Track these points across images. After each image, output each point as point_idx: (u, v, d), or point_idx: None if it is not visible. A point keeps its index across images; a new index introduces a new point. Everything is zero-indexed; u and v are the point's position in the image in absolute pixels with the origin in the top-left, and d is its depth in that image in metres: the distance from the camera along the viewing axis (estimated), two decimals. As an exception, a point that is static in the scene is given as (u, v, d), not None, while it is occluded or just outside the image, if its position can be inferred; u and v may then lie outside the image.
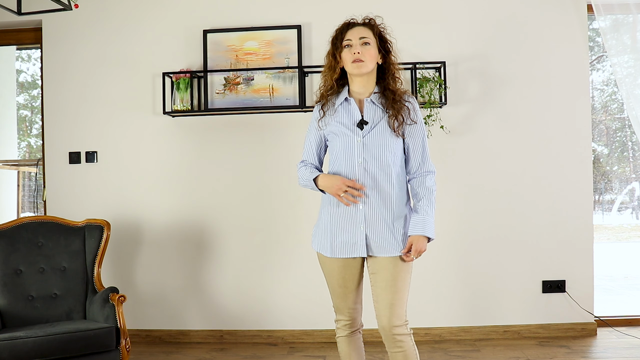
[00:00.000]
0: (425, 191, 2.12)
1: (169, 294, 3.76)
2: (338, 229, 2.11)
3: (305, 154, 2.26)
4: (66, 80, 3.81)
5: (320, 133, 2.20)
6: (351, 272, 2.14)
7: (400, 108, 2.08)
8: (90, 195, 3.78)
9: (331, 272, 2.16)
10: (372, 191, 2.07)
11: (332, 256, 2.13)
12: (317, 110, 2.20)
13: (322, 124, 2.17)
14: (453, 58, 3.62)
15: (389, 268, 2.07)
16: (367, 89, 2.13)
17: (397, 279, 2.07)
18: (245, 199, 3.72)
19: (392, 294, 2.06)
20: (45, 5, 3.00)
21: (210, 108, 3.65)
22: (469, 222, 3.64)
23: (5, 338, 2.57)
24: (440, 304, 3.64)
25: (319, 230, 2.19)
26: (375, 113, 2.10)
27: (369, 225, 2.08)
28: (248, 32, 3.69)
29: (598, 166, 7.49)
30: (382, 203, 2.07)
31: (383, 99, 2.11)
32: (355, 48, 2.06)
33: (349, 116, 2.11)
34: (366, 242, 2.09)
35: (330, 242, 2.13)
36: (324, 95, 2.18)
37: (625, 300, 5.21)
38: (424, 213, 2.08)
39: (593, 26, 4.45)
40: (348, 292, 2.17)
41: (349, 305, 2.18)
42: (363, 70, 2.07)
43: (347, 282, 2.15)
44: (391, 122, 2.07)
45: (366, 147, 2.07)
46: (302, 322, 3.69)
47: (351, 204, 2.06)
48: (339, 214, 2.11)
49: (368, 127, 2.08)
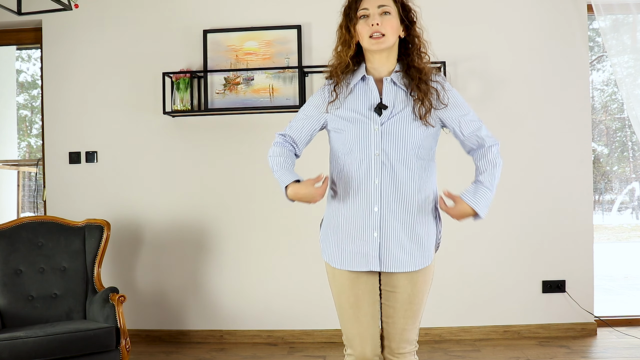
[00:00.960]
0: (488, 164, 1.77)
1: (169, 294, 3.76)
2: (347, 233, 1.76)
3: (293, 129, 1.87)
4: (66, 80, 3.80)
5: (322, 118, 1.82)
6: (364, 287, 1.78)
7: (427, 90, 1.72)
8: (90, 195, 3.78)
9: (341, 287, 1.79)
10: (390, 190, 1.71)
11: (341, 268, 1.78)
12: (327, 91, 1.82)
13: (332, 107, 1.78)
14: (453, 58, 3.62)
15: (406, 289, 1.76)
16: (387, 67, 1.77)
17: (414, 302, 1.77)
18: (246, 199, 3.72)
19: (407, 319, 1.77)
20: (45, 5, 2.99)
21: (210, 108, 3.65)
22: (469, 221, 3.64)
23: (5, 338, 2.57)
24: (440, 304, 3.64)
25: (325, 232, 1.85)
26: (397, 96, 1.74)
27: (383, 232, 1.72)
28: (248, 32, 3.69)
29: (598, 166, 7.49)
30: (401, 204, 1.72)
31: (406, 79, 1.75)
32: (374, 19, 1.70)
33: (365, 99, 1.75)
34: (379, 254, 1.73)
35: (340, 250, 1.78)
36: (337, 74, 1.79)
37: (625, 300, 5.21)
38: (481, 183, 1.76)
39: (593, 26, 4.45)
40: (362, 314, 1.77)
41: (362, 333, 1.77)
42: (382, 45, 1.72)
43: (360, 300, 1.77)
44: (417, 107, 1.72)
45: (385, 136, 1.71)
46: (302, 322, 3.69)
47: (364, 204, 1.73)
48: (348, 214, 1.75)
49: (387, 112, 1.72)
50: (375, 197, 1.72)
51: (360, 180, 1.73)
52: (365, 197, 1.72)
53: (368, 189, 1.72)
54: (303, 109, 1.88)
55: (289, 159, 1.83)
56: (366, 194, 1.72)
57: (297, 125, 1.87)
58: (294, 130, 1.87)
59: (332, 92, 1.79)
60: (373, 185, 1.72)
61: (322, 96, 1.83)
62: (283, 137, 1.88)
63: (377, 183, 1.71)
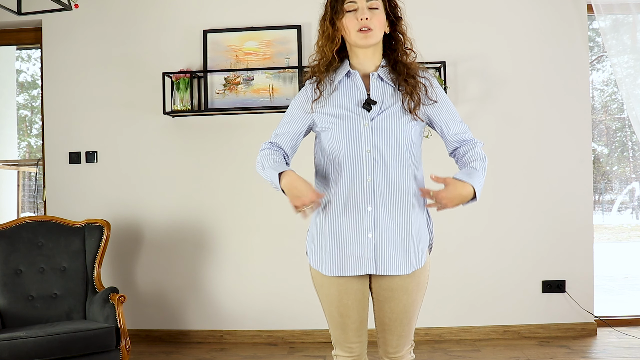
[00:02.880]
0: (477, 155, 1.70)
1: (169, 294, 3.76)
2: (338, 236, 1.67)
3: (279, 136, 1.77)
4: (66, 80, 3.80)
5: (308, 117, 1.74)
6: (354, 296, 1.71)
7: (415, 84, 1.69)
8: (90, 195, 3.78)
9: (329, 295, 1.72)
10: (383, 187, 1.64)
11: (330, 274, 1.69)
12: (310, 89, 1.75)
13: (317, 105, 1.72)
14: (453, 58, 3.62)
15: (401, 297, 1.71)
16: (372, 63, 1.73)
17: (409, 310, 1.73)
18: (246, 198, 3.72)
19: (403, 326, 1.74)
20: (45, 5, 2.99)
21: (210, 108, 3.65)
22: (469, 221, 3.64)
23: (5, 338, 2.57)
24: (440, 303, 3.64)
25: (313, 238, 1.75)
26: (385, 91, 1.70)
27: (378, 232, 1.64)
28: (248, 32, 3.69)
29: (598, 166, 7.48)
30: (395, 203, 1.65)
31: (393, 74, 1.72)
32: (362, 13, 1.65)
33: (352, 95, 1.70)
34: (375, 256, 1.66)
35: (329, 256, 1.69)
36: (320, 70, 1.72)
37: (625, 300, 5.20)
38: (473, 168, 1.68)
39: (593, 26, 4.45)
40: (350, 322, 1.73)
41: (349, 339, 1.75)
42: (371, 40, 1.67)
43: (349, 309, 1.71)
44: (406, 101, 1.67)
45: (375, 132, 1.65)
46: (302, 322, 3.69)
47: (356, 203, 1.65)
48: (340, 215, 1.67)
49: (377, 107, 1.67)
50: (368, 196, 1.64)
51: (352, 179, 1.65)
52: (357, 197, 1.64)
53: (360, 188, 1.64)
54: (287, 113, 1.79)
55: (280, 158, 1.73)
56: (358, 192, 1.64)
57: (282, 131, 1.77)
58: (281, 137, 1.77)
59: (316, 90, 1.72)
60: (366, 183, 1.64)
61: (305, 95, 1.75)
62: (271, 146, 1.77)
63: (369, 180, 1.64)
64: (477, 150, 1.72)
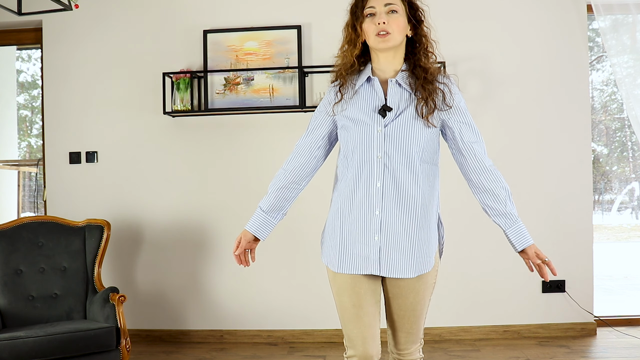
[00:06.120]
0: (505, 193, 1.76)
1: (169, 294, 3.77)
2: (347, 236, 1.73)
3: (305, 142, 1.84)
4: (66, 80, 3.81)
5: (332, 120, 1.81)
6: (368, 287, 1.75)
7: (433, 91, 1.70)
8: (90, 195, 3.78)
9: (342, 287, 1.76)
10: (391, 194, 1.68)
11: (337, 271, 1.75)
12: (332, 93, 1.80)
13: (338, 108, 1.77)
14: (453, 58, 3.62)
15: (408, 295, 1.75)
16: (393, 67, 1.75)
17: (416, 308, 1.77)
18: (246, 199, 3.72)
19: (411, 323, 1.79)
20: (45, 5, 2.99)
21: (210, 108, 3.65)
22: (469, 221, 3.64)
23: (6, 338, 2.57)
24: (440, 304, 3.64)
25: (326, 235, 1.83)
26: (402, 97, 1.71)
27: (385, 236, 1.69)
28: (248, 32, 3.69)
29: (598, 166, 7.49)
30: (404, 208, 1.69)
31: (411, 79, 1.73)
32: (380, 17, 1.68)
33: (370, 101, 1.73)
34: (379, 258, 1.70)
35: (339, 253, 1.75)
36: (342, 74, 1.78)
37: (625, 300, 5.21)
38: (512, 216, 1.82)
39: (593, 26, 4.45)
40: (364, 313, 1.73)
41: (363, 332, 1.73)
42: (389, 43, 1.69)
43: (362, 299, 1.74)
44: (420, 107, 1.69)
45: (388, 138, 1.68)
46: (302, 322, 3.70)
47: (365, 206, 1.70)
48: (350, 217, 1.73)
49: (392, 114, 1.69)
50: (376, 201, 1.68)
51: (362, 183, 1.70)
52: (366, 200, 1.69)
53: (370, 192, 1.69)
54: (312, 120, 1.86)
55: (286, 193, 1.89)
56: (368, 196, 1.69)
57: (314, 137, 1.84)
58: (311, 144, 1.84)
59: (338, 93, 1.78)
60: (375, 189, 1.68)
61: (329, 98, 1.82)
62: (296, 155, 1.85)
63: (378, 187, 1.68)
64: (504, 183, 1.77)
